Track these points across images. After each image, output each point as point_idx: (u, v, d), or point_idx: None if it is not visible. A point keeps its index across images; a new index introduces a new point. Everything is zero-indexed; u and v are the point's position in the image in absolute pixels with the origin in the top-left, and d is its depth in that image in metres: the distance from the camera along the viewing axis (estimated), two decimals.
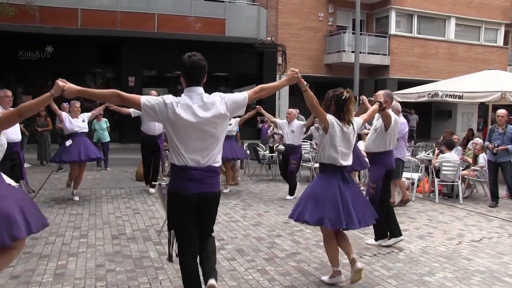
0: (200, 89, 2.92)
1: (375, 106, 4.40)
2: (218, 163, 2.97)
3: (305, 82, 3.46)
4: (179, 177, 2.89)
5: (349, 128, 3.81)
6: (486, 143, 7.62)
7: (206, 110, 2.86)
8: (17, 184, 3.11)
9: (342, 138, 3.76)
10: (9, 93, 6.12)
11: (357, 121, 4.01)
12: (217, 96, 2.95)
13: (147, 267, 4.21)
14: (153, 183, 7.92)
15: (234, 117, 7.74)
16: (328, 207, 3.64)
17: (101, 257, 4.48)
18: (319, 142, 3.89)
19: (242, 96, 3.03)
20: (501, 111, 7.48)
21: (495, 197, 7.51)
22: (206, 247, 3.04)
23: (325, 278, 3.98)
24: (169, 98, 2.87)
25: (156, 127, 7.88)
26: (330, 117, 3.73)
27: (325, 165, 3.81)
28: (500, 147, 7.28)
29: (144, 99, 2.84)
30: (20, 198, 3.01)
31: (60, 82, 2.77)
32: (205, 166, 2.89)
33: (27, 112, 2.87)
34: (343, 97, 3.77)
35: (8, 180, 3.05)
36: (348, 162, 3.85)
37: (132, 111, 7.73)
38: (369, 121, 4.60)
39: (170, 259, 3.25)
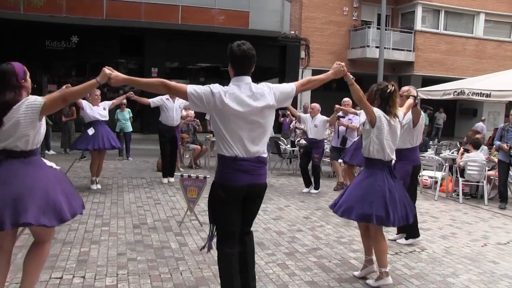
0: (248, 79, 2.90)
1: (411, 100, 4.36)
2: (265, 153, 2.96)
3: (351, 76, 3.40)
4: (229, 167, 2.85)
5: (395, 121, 3.79)
6: (497, 142, 7.38)
7: (255, 100, 2.83)
8: (58, 167, 3.14)
9: (389, 131, 3.73)
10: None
11: (400, 114, 3.93)
12: (265, 87, 2.92)
13: (168, 257, 4.24)
14: (170, 176, 8.01)
15: None
16: (376, 204, 3.58)
17: (122, 245, 4.52)
18: (364, 137, 3.83)
19: (290, 87, 3.02)
20: None
21: (504, 198, 7.32)
22: (249, 243, 3.11)
23: (370, 281, 3.83)
24: (216, 87, 2.83)
25: (174, 118, 7.82)
26: (377, 111, 3.69)
27: (372, 160, 3.76)
28: None
29: (190, 88, 2.81)
30: (61, 179, 3.03)
31: (107, 70, 2.78)
32: (254, 156, 2.87)
33: (71, 98, 2.98)
34: (388, 91, 3.75)
35: (48, 163, 3.10)
36: (393, 156, 3.83)
37: (151, 101, 7.72)
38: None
39: (208, 250, 3.16)
